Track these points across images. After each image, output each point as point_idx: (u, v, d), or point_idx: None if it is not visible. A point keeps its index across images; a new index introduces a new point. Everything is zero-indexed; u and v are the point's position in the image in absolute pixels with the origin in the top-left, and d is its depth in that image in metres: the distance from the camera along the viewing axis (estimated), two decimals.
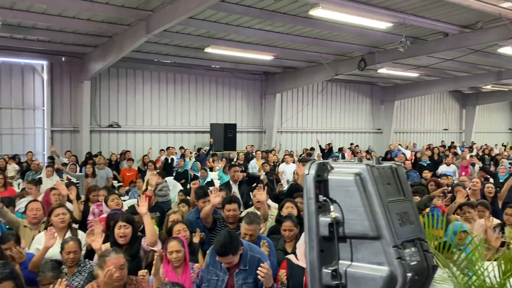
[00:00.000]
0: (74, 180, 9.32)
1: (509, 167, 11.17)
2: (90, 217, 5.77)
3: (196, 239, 4.59)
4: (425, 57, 13.32)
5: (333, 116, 19.83)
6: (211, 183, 9.17)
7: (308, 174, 1.96)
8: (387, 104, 20.71)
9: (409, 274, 1.74)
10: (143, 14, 9.52)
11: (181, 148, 14.34)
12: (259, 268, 3.28)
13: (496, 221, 5.44)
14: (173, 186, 8.36)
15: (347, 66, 14.46)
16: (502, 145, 21.86)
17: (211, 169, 12.17)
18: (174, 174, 11.10)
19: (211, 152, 13.75)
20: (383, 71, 15.80)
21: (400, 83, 19.98)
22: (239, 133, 16.29)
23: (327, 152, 15.92)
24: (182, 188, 8.45)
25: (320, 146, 16.60)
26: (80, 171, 10.29)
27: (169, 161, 12.40)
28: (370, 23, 9.88)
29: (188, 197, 6.52)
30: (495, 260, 3.37)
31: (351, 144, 18.92)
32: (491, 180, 9.35)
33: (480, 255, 3.21)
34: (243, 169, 10.35)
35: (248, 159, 13.18)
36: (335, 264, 1.88)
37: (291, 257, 3.75)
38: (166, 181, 7.83)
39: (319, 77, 15.95)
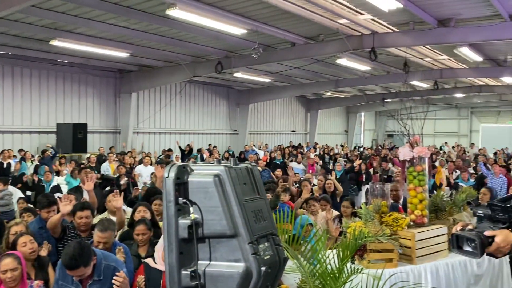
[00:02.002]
0: None
1: (344, 165, 12.77)
2: None
3: (44, 252, 4.16)
4: (276, 64, 14.32)
5: (191, 117, 19.91)
6: (57, 188, 8.41)
7: (168, 177, 1.94)
8: (243, 107, 21.64)
9: (263, 268, 1.85)
10: None
11: (21, 150, 12.86)
12: (115, 277, 3.16)
13: (336, 213, 6.14)
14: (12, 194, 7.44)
15: (204, 68, 14.67)
16: (340, 145, 24.75)
17: (58, 173, 11.18)
18: (10, 179, 9.92)
19: (57, 155, 12.60)
20: (239, 75, 16.47)
21: (254, 87, 21.07)
22: (91, 134, 15.22)
23: (187, 153, 15.91)
24: (22, 196, 7.57)
25: (180, 147, 16.51)
26: None
27: (5, 165, 11.02)
28: (226, 28, 10.21)
29: (30, 205, 5.87)
30: (335, 248, 3.80)
31: (209, 145, 19.28)
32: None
33: (323, 245, 3.59)
34: (96, 172, 9.74)
35: (101, 162, 12.43)
36: (194, 265, 1.90)
37: (148, 261, 3.67)
38: (8, 188, 6.95)
39: (177, 77, 15.87)
